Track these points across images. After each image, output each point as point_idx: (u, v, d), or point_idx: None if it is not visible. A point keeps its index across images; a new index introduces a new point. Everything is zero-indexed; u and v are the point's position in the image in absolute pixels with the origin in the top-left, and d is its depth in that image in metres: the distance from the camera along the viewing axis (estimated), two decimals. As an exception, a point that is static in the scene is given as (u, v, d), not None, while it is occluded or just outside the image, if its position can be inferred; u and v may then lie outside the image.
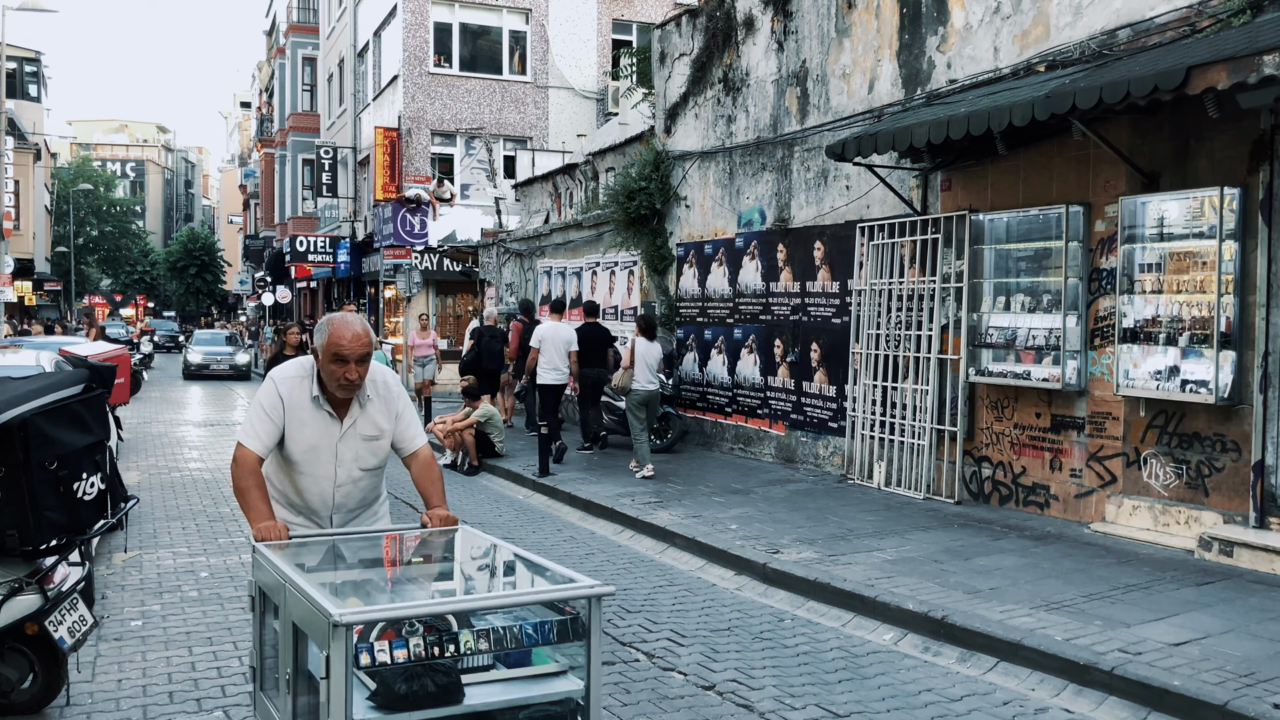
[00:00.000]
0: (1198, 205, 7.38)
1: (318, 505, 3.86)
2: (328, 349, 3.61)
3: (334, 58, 35.77)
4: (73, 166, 68.67)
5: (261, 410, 3.71)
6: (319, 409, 3.73)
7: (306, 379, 3.75)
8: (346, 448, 3.79)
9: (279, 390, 3.72)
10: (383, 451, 3.88)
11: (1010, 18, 8.93)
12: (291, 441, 3.73)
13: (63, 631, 4.59)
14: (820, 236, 11.33)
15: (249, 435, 3.70)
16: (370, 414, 3.81)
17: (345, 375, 3.61)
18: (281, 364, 3.85)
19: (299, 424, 3.71)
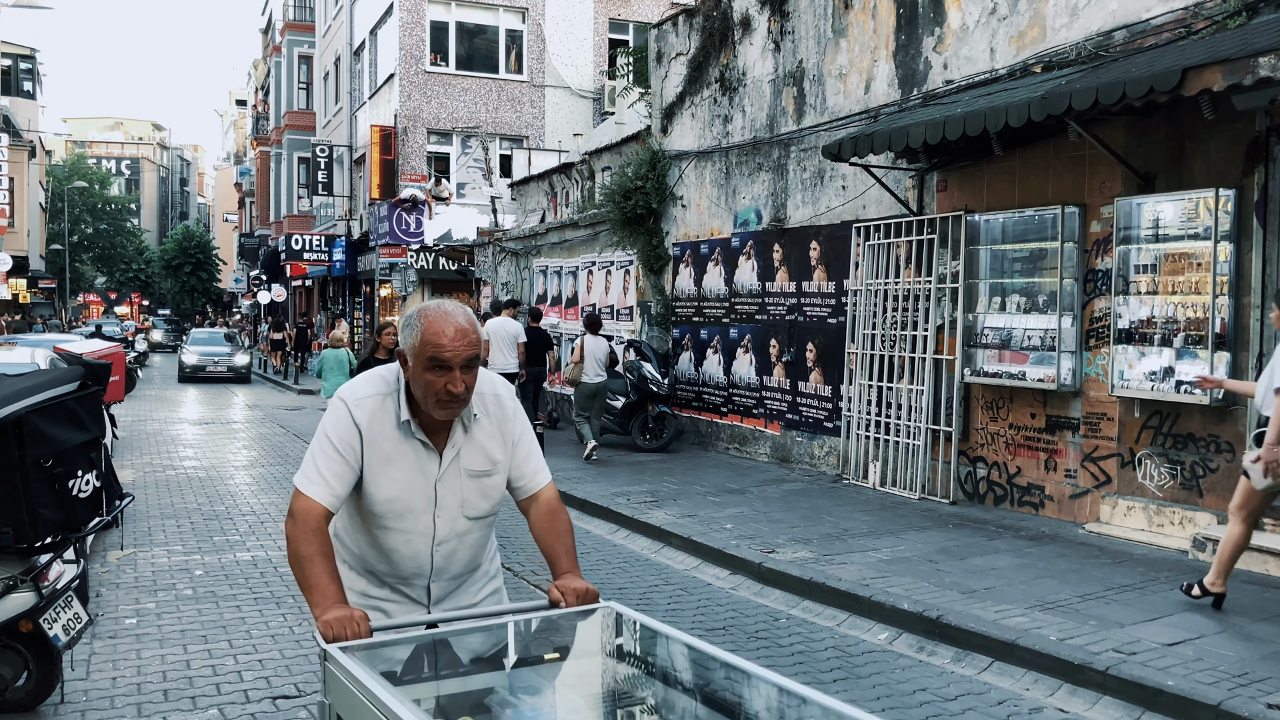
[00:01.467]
0: (1193, 206, 7.39)
1: (410, 572, 2.80)
2: (421, 351, 2.57)
3: (330, 56, 35.74)
4: (68, 164, 68.51)
5: (329, 445, 2.65)
6: (409, 438, 2.69)
7: (390, 397, 2.70)
8: (449, 490, 2.74)
9: (353, 415, 2.66)
10: (496, 492, 2.82)
11: (1007, 19, 8.95)
12: (373, 486, 2.68)
13: (57, 629, 4.58)
14: (816, 236, 11.34)
15: (312, 480, 2.63)
16: (478, 440, 2.76)
17: (448, 387, 2.56)
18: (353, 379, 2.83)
19: (383, 461, 2.67)
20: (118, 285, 76.99)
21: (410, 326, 2.61)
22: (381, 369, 2.78)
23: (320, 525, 2.58)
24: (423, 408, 2.64)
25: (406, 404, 2.68)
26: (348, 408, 2.68)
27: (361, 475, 2.68)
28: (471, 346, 2.57)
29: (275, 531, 8.99)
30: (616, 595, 6.95)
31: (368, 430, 2.66)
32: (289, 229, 37.47)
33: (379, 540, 2.76)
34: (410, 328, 2.61)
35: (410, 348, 2.60)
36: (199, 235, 73.30)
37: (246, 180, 61.10)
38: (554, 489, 2.90)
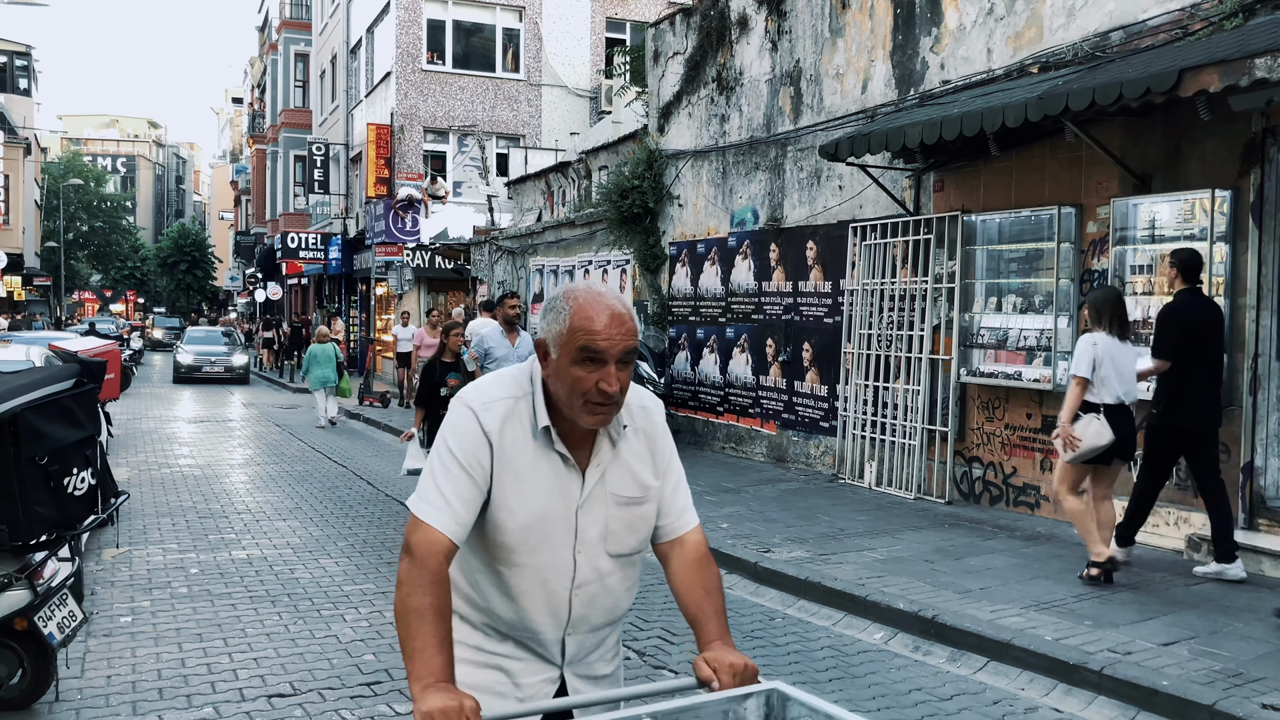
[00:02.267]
0: (1189, 207, 7.40)
1: (541, 623, 2.26)
2: (569, 340, 2.10)
3: (327, 54, 35.70)
4: (63, 161, 68.41)
5: (452, 460, 2.16)
6: (547, 450, 2.19)
7: (524, 401, 2.22)
8: (592, 519, 2.23)
9: (481, 423, 2.18)
10: (646, 525, 2.31)
11: (1004, 19, 8.95)
12: (504, 511, 2.17)
13: (52, 627, 4.58)
14: (813, 236, 11.34)
15: (434, 505, 2.13)
16: (626, 460, 2.26)
17: (601, 385, 2.09)
18: (476, 381, 2.34)
19: (516, 479, 2.18)
20: (113, 283, 76.88)
21: (554, 310, 2.14)
22: (512, 368, 2.31)
23: (441, 567, 2.08)
24: (565, 413, 2.15)
25: (545, 407, 2.18)
26: (474, 413, 2.18)
27: (489, 498, 2.17)
28: (630, 336, 2.11)
29: (271, 530, 8.98)
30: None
31: (499, 441, 2.16)
32: (285, 227, 37.41)
33: (505, 581, 2.22)
34: (554, 312, 2.14)
35: (554, 336, 2.13)
36: (194, 233, 73.20)
37: (242, 178, 61.01)
38: (702, 533, 2.39)
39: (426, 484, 2.17)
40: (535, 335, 2.20)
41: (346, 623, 6.24)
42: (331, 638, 5.94)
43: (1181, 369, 6.45)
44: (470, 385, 2.29)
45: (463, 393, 2.26)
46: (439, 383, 8.63)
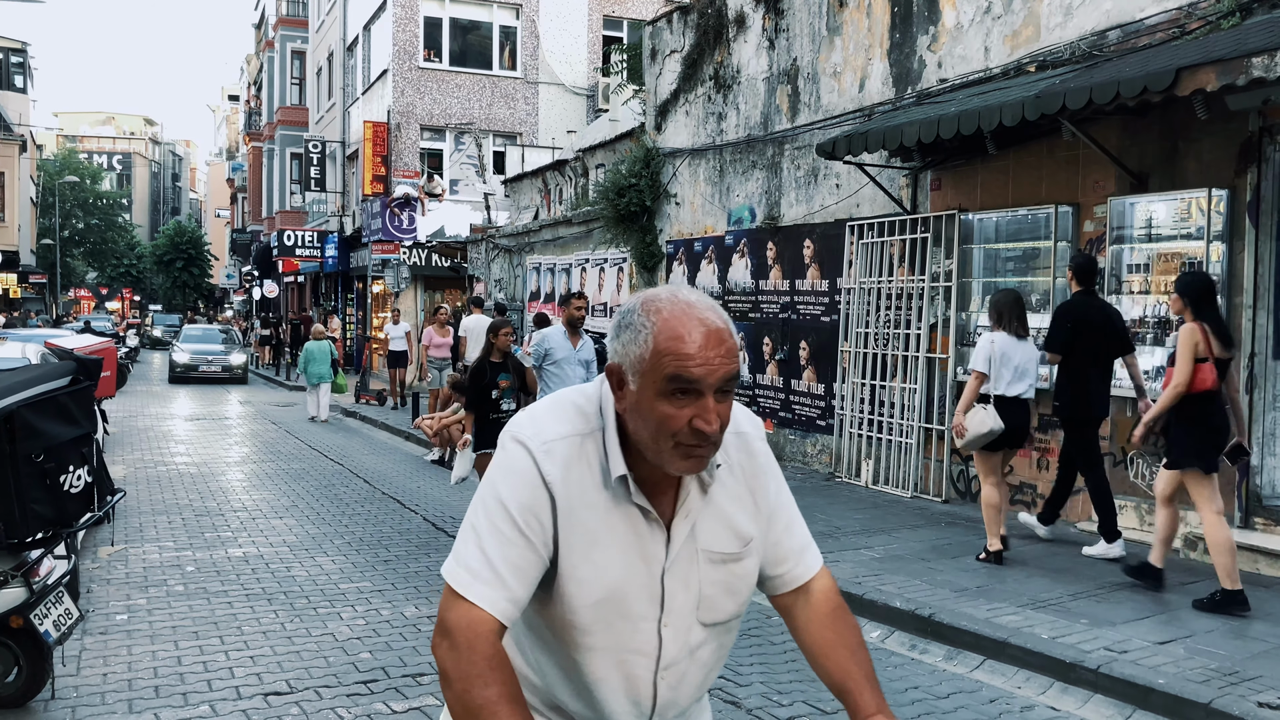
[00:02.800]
0: (1185, 207, 7.41)
1: (619, 713, 1.82)
2: (654, 366, 1.62)
3: (323, 51, 35.65)
4: (59, 159, 68.32)
5: (504, 518, 1.69)
6: (622, 503, 1.72)
7: (591, 439, 1.74)
8: (680, 583, 1.77)
9: (540, 469, 1.70)
10: (746, 585, 1.85)
11: (1001, 18, 8.96)
12: (572, 582, 1.71)
13: (48, 625, 4.57)
14: (810, 235, 11.35)
15: (479, 577, 1.67)
16: (720, 506, 1.80)
17: (696, 423, 1.62)
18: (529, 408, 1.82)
19: (586, 541, 1.71)
20: (109, 280, 76.77)
21: (631, 328, 1.65)
22: (574, 395, 1.79)
23: (496, 652, 1.63)
24: (648, 456, 1.68)
25: (619, 450, 1.70)
26: (531, 455, 1.69)
27: (554, 565, 1.69)
28: (731, 358, 1.62)
29: (267, 528, 8.97)
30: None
31: (563, 492, 1.68)
32: (281, 225, 37.36)
33: (574, 666, 1.77)
34: (632, 330, 1.65)
35: (633, 361, 1.64)
36: (191, 230, 73.12)
37: (239, 176, 60.92)
38: (831, 577, 1.95)
39: (468, 546, 1.68)
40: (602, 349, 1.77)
41: (343, 621, 6.23)
42: (328, 636, 5.94)
43: (1074, 363, 6.97)
44: (525, 416, 1.77)
45: (515, 426, 1.75)
46: (490, 384, 8.03)
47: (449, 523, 9.29)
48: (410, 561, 7.79)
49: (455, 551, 1.71)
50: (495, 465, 1.74)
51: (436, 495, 10.82)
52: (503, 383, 8.05)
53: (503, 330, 8.23)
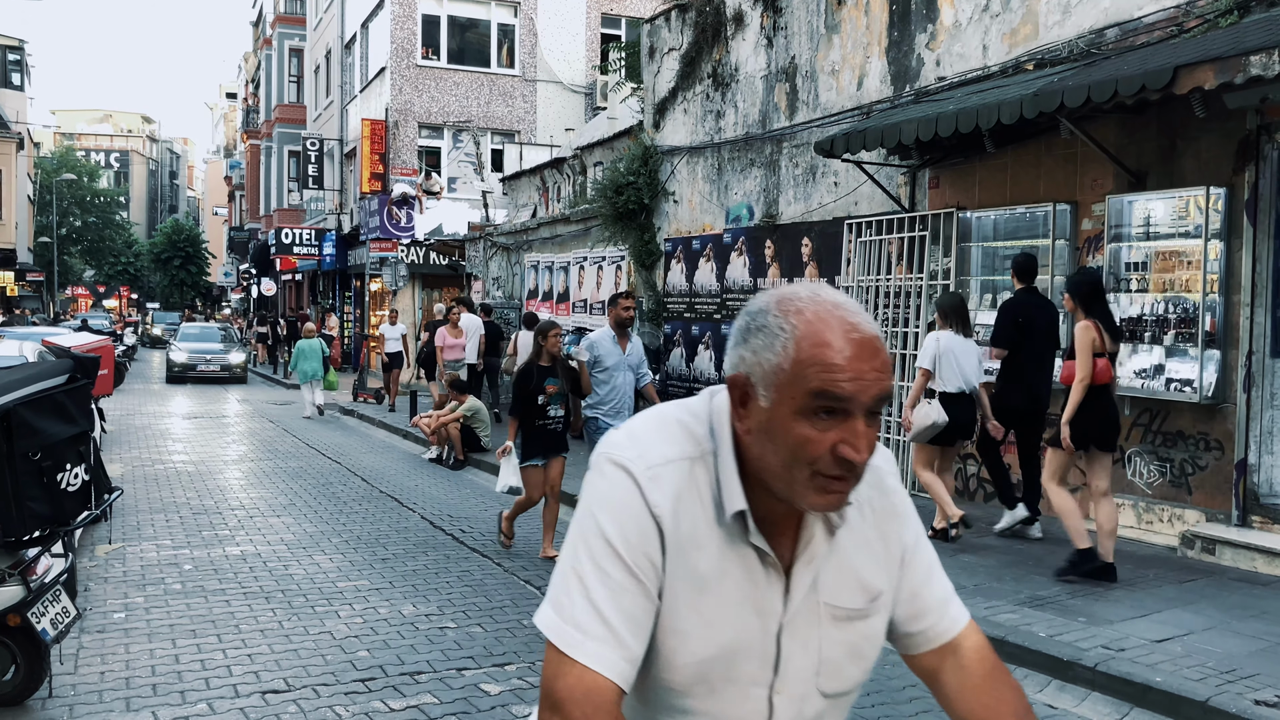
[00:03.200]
0: (1184, 205, 7.41)
1: None
2: (795, 380, 1.36)
3: (321, 49, 35.62)
4: (56, 156, 68.23)
5: (611, 555, 1.40)
6: (736, 543, 1.45)
7: (701, 463, 1.46)
8: (799, 643, 1.50)
9: (648, 499, 1.42)
10: (874, 647, 1.58)
11: (999, 16, 8.95)
12: (674, 636, 1.44)
13: (45, 623, 4.56)
14: (808, 233, 11.34)
15: (589, 632, 1.38)
16: (846, 553, 1.53)
17: (844, 451, 1.36)
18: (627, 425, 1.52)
19: (694, 588, 1.44)
20: (106, 278, 76.70)
21: (764, 331, 1.38)
22: (675, 409, 1.50)
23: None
24: (773, 487, 1.40)
25: (739, 481, 1.42)
26: (635, 482, 1.40)
27: (657, 614, 1.42)
28: (886, 372, 1.36)
29: (265, 526, 8.96)
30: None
31: (673, 527, 1.40)
32: (279, 223, 37.33)
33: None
34: (764, 334, 1.38)
35: (767, 372, 1.36)
36: (188, 229, 73.05)
37: (236, 174, 60.88)
38: (981, 633, 1.65)
39: (572, 595, 1.38)
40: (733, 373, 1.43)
41: (341, 619, 6.23)
42: (326, 634, 5.93)
43: (1020, 358, 7.39)
44: (622, 434, 1.47)
45: (612, 447, 1.45)
46: (536, 389, 7.53)
47: (446, 521, 9.29)
48: (408, 560, 7.79)
49: (554, 601, 1.40)
50: (592, 494, 1.43)
51: (434, 494, 10.81)
52: (550, 388, 7.60)
53: (552, 332, 7.71)
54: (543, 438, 7.59)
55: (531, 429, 7.57)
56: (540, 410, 7.55)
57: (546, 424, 7.58)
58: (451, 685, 5.11)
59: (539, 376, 7.58)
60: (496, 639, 5.87)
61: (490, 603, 6.63)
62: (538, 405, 7.55)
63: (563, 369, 7.73)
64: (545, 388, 7.56)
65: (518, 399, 7.62)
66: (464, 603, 6.62)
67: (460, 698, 4.94)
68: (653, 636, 1.42)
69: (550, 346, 7.65)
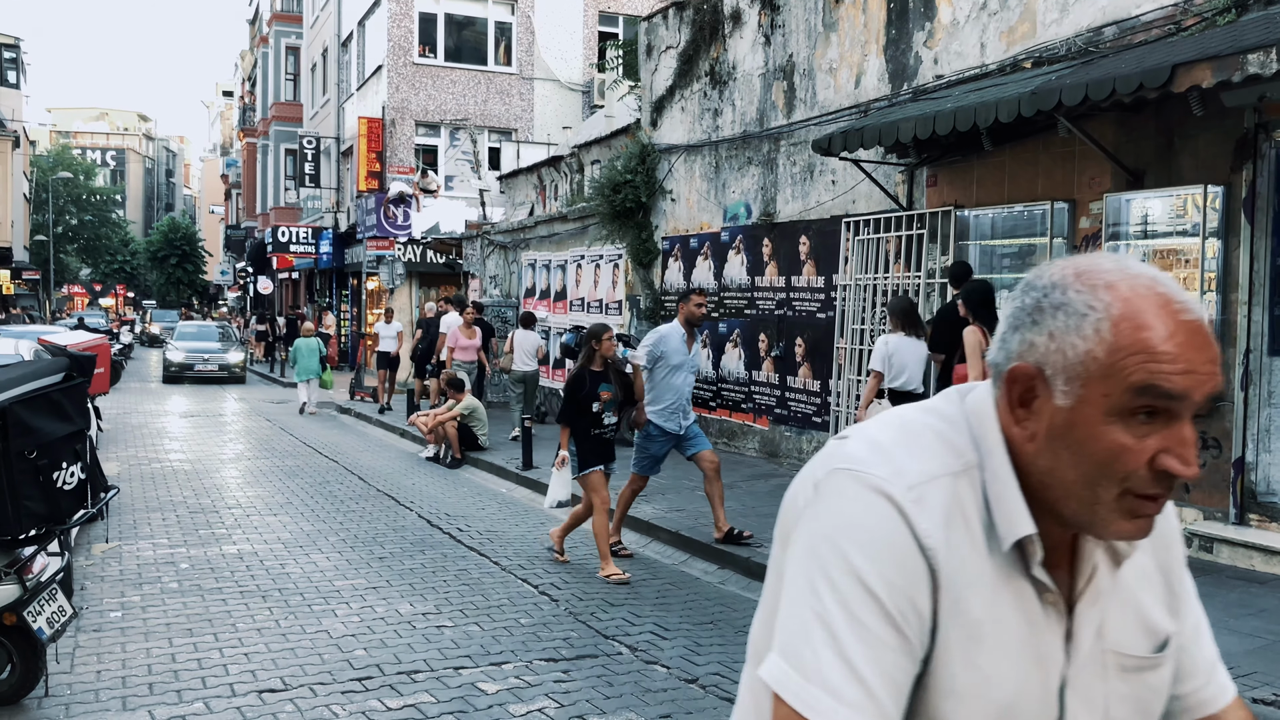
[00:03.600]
0: (1181, 203, 7.41)
1: None
2: (1111, 371, 1.07)
3: (318, 47, 35.57)
4: (52, 154, 68.09)
5: (867, 599, 1.08)
6: (1013, 578, 1.15)
7: (968, 478, 1.16)
8: (1082, 700, 1.19)
9: (915, 528, 1.10)
10: (1159, 704, 1.26)
11: (997, 14, 8.95)
12: (948, 696, 1.12)
13: (41, 622, 4.55)
14: (806, 231, 11.34)
15: (844, 698, 1.06)
16: (1128, 586, 1.24)
17: (1170, 462, 1.08)
18: (864, 432, 1.19)
19: (969, 635, 1.12)
20: (102, 277, 76.63)
21: (1064, 311, 1.12)
22: (919, 413, 1.21)
23: None
24: (1062, 508, 1.14)
25: (1020, 496, 1.15)
26: (896, 507, 1.11)
27: (921, 670, 1.13)
28: (1218, 365, 1.11)
29: (261, 525, 8.95)
30: (605, 589, 6.93)
31: (946, 563, 1.12)
32: (275, 221, 37.30)
33: None
34: (1065, 314, 1.11)
35: (1071, 362, 1.10)
36: (184, 227, 72.95)
37: (233, 172, 60.80)
38: (1246, 708, 1.38)
39: (817, 649, 1.09)
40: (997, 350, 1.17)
41: (338, 618, 6.22)
42: (323, 633, 5.92)
43: (951, 361, 7.64)
44: (861, 445, 1.16)
45: (855, 460, 1.14)
46: (590, 396, 7.27)
47: (444, 519, 9.28)
48: (405, 559, 7.78)
49: (793, 653, 1.11)
50: (834, 520, 1.11)
51: (431, 492, 10.80)
52: (604, 394, 7.30)
53: (605, 336, 7.41)
54: (598, 446, 7.32)
55: (586, 437, 7.28)
56: (595, 418, 7.28)
57: (602, 432, 7.33)
58: (448, 684, 5.10)
59: (592, 382, 7.30)
60: (494, 638, 5.86)
61: (487, 601, 6.62)
62: (592, 413, 7.27)
63: (616, 375, 7.49)
64: (599, 394, 7.30)
65: (569, 406, 7.32)
66: (461, 601, 6.61)
67: (457, 696, 4.93)
68: (920, 699, 1.13)
69: (604, 351, 7.36)
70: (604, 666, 5.42)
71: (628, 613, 6.39)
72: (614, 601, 6.65)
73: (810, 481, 1.17)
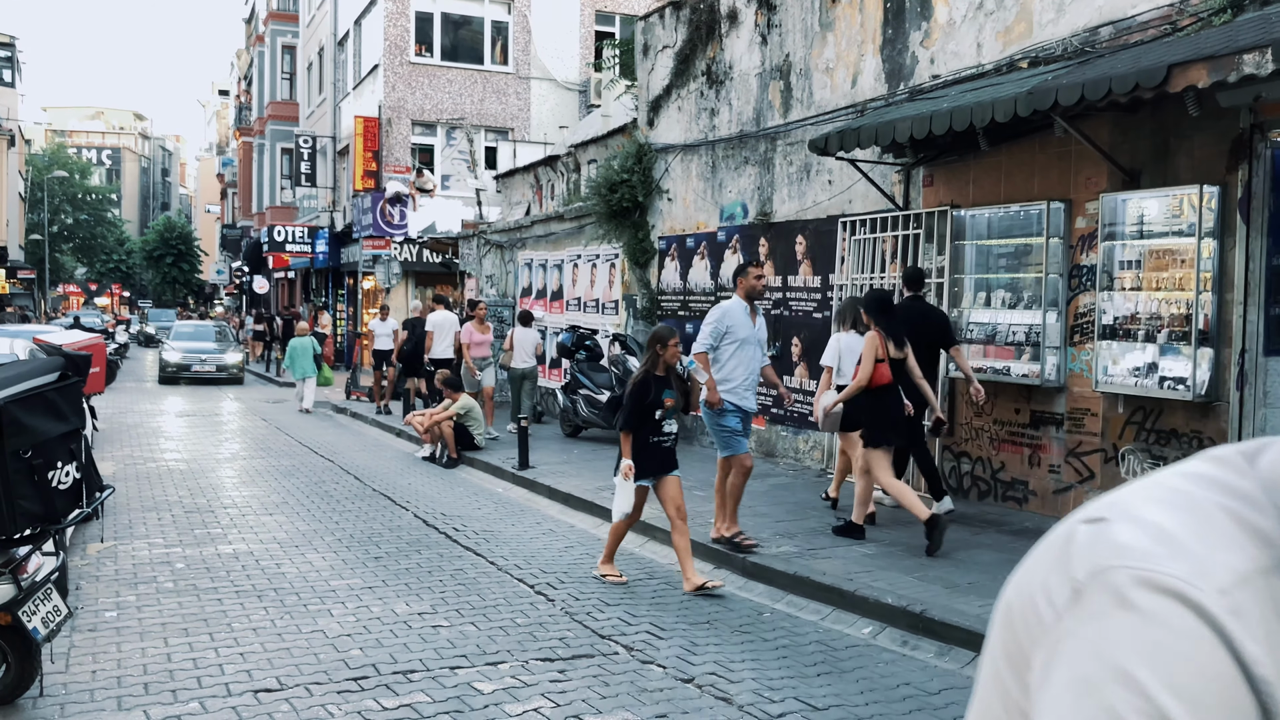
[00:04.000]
0: (1177, 203, 7.42)
1: None
2: None
3: (314, 46, 35.54)
4: (47, 153, 68.01)
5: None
6: None
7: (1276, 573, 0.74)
8: None
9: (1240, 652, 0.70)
10: None
11: (993, 14, 8.95)
12: None
13: (36, 622, 4.54)
14: (802, 231, 11.34)
15: None
16: None
17: None
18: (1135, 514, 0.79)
19: None
20: (98, 276, 76.52)
21: None
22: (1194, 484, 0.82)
23: None
24: None
25: None
26: (1209, 620, 0.72)
27: None
28: None
29: (257, 524, 8.93)
30: (601, 589, 6.93)
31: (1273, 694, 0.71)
32: (271, 220, 37.28)
33: None
34: None
35: None
36: (180, 226, 72.91)
37: (229, 171, 60.74)
38: None
39: None
40: None
41: (333, 617, 6.21)
42: (318, 633, 5.91)
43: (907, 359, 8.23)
44: (1141, 532, 0.78)
45: (1136, 554, 0.76)
46: (654, 403, 6.96)
47: (440, 519, 9.27)
48: (400, 558, 7.77)
49: None
50: (1123, 647, 0.75)
51: (427, 492, 10.79)
52: (668, 401, 7.00)
53: (671, 341, 7.08)
54: (656, 454, 7.01)
55: (644, 445, 6.94)
56: (656, 425, 6.97)
57: (661, 440, 7.02)
58: (444, 684, 5.10)
59: (656, 388, 6.97)
60: (489, 637, 5.86)
61: (483, 601, 6.62)
62: (654, 420, 6.96)
63: (677, 381, 7.21)
64: (663, 400, 6.98)
65: (632, 412, 6.94)
66: (457, 601, 6.60)
67: (453, 696, 4.93)
68: None
69: (669, 357, 7.05)
70: (600, 666, 5.42)
71: (624, 612, 6.39)
72: (610, 601, 6.65)
73: (1064, 582, 0.80)
